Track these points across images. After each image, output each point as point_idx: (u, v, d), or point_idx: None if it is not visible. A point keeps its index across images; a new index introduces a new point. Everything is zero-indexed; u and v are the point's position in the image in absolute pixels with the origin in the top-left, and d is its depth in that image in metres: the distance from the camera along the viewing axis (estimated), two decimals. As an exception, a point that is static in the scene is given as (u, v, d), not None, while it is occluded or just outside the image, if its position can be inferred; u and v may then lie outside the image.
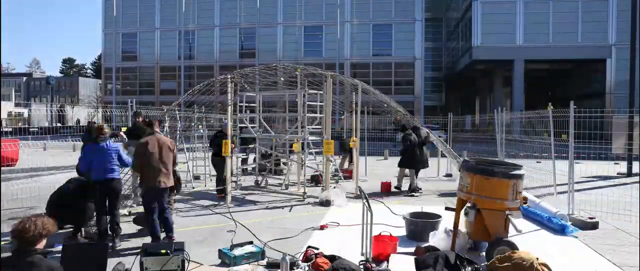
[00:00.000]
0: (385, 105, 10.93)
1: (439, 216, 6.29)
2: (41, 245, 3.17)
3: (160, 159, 5.76)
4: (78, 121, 18.94)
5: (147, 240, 5.69)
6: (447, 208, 5.93)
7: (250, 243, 5.40)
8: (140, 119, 8.55)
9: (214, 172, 10.33)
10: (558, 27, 34.03)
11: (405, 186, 10.26)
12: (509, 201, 5.07)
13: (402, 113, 10.80)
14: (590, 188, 10.60)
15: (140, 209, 6.83)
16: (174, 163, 6.06)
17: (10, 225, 6.42)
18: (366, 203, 4.90)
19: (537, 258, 4.34)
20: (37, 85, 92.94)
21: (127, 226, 6.59)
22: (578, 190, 8.79)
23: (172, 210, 6.56)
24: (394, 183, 10.44)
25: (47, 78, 61.18)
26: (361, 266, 4.65)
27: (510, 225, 5.42)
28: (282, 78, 10.92)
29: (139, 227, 6.57)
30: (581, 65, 36.41)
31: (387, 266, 4.74)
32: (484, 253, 5.21)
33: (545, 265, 4.34)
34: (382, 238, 5.35)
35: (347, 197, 8.90)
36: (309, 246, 5.41)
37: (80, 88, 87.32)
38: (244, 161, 12.71)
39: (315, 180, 11.27)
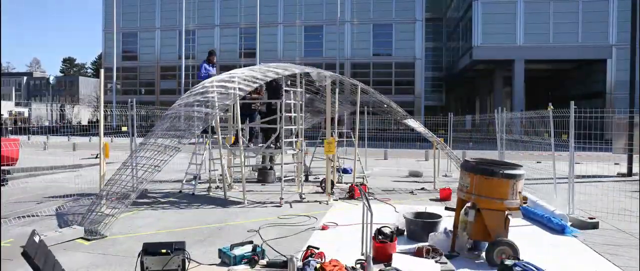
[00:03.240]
0: (385, 105, 10.93)
1: (439, 216, 6.29)
2: None
3: None
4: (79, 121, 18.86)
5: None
6: (447, 208, 5.93)
7: (250, 242, 5.40)
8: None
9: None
10: (558, 27, 33.99)
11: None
12: (509, 201, 5.07)
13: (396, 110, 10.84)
14: (590, 183, 10.59)
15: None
16: None
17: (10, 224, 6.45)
18: (366, 203, 4.90)
19: None
20: (37, 85, 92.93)
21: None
22: (578, 186, 8.77)
23: None
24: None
25: (47, 78, 61.19)
26: (358, 265, 4.64)
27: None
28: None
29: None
30: (581, 65, 36.39)
31: (387, 266, 4.73)
32: (484, 253, 5.21)
33: None
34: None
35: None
36: (309, 246, 5.40)
37: (81, 87, 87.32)
38: None
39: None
